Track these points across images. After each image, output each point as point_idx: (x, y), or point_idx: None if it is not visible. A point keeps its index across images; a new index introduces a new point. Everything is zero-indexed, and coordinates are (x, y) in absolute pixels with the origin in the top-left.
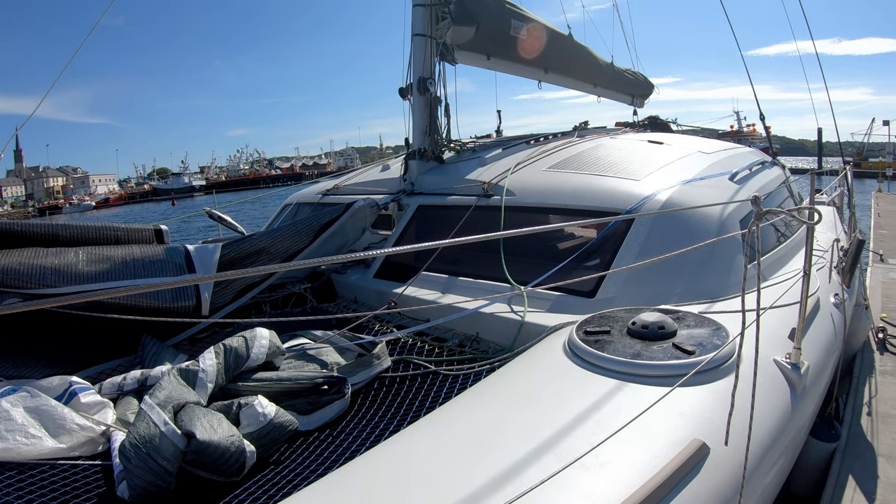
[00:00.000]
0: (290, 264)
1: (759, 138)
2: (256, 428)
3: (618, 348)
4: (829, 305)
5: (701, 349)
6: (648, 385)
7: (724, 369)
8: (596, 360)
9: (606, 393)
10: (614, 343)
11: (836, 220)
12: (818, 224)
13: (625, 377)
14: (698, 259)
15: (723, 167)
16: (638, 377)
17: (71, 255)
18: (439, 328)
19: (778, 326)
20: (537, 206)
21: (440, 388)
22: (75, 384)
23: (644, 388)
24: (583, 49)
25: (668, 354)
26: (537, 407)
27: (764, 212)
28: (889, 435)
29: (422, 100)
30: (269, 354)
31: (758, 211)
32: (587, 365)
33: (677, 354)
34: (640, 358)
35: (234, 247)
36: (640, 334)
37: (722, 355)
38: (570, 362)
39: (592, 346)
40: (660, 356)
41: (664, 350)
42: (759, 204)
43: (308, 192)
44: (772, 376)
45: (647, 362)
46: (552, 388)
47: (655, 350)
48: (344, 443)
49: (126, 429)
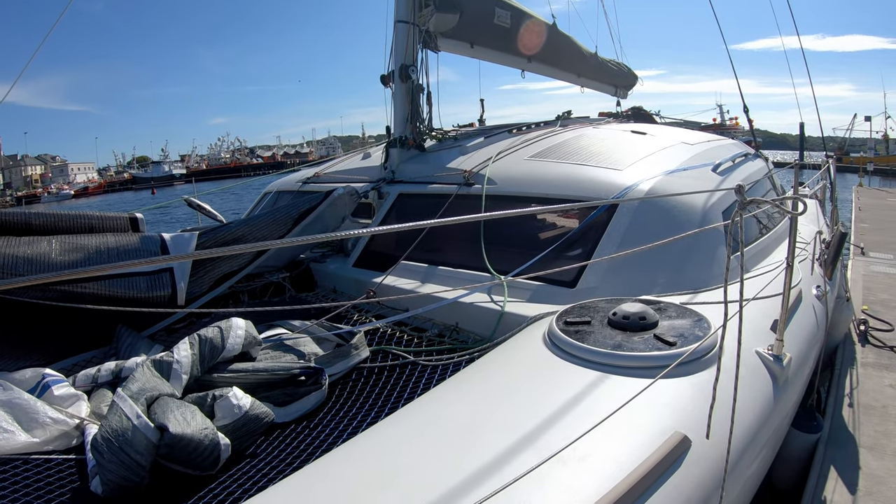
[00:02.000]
0: (266, 244)
1: (741, 132)
2: (231, 420)
3: (598, 339)
4: (811, 297)
5: (683, 340)
6: (629, 377)
7: (706, 361)
8: (576, 350)
9: (587, 385)
10: (595, 334)
11: (819, 212)
12: (801, 216)
13: (605, 368)
14: (681, 249)
15: (706, 158)
16: (619, 368)
17: (44, 244)
18: (419, 318)
19: (760, 318)
20: (519, 194)
21: (419, 378)
22: (48, 376)
23: (625, 379)
24: (567, 39)
25: (650, 346)
26: (516, 399)
27: (748, 201)
28: (871, 426)
29: (403, 87)
30: (245, 345)
31: (741, 200)
32: (567, 356)
33: (658, 346)
34: (620, 349)
35: (211, 235)
36: (621, 325)
37: (704, 347)
38: (549, 353)
39: (573, 336)
40: (641, 347)
41: (645, 341)
42: (743, 193)
43: (288, 181)
44: (754, 368)
45: (628, 353)
46: (531, 380)
47: (636, 341)
48: (321, 435)
49: (100, 422)
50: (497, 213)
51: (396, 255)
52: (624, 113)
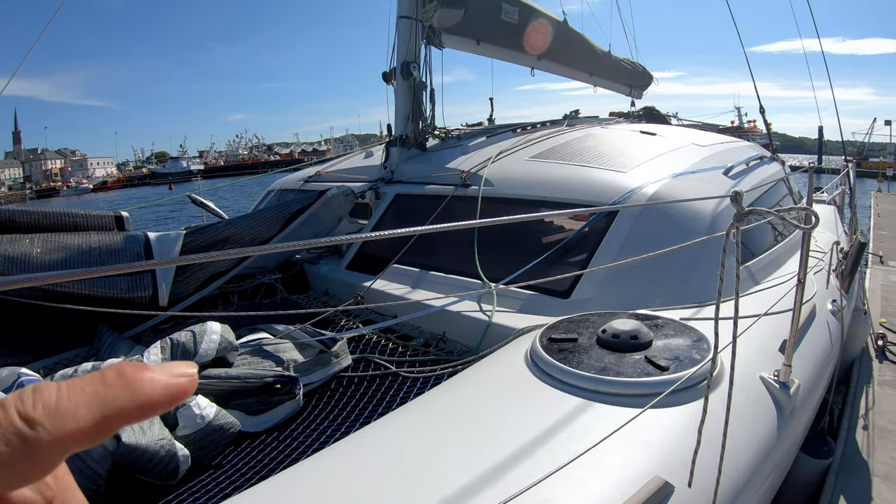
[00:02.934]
0: (248, 250)
1: (759, 135)
2: (193, 430)
3: (583, 360)
4: (825, 313)
5: (676, 364)
6: (613, 405)
7: (702, 389)
8: (557, 373)
9: (565, 414)
10: (580, 354)
11: (837, 219)
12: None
13: (588, 395)
14: (685, 259)
15: (718, 161)
16: (603, 396)
17: (26, 242)
18: (407, 325)
19: (768, 337)
20: (515, 197)
21: (398, 390)
22: (24, 376)
23: (608, 409)
24: (578, 36)
25: (639, 370)
26: (483, 427)
27: (746, 212)
28: (886, 452)
29: (405, 84)
30: (219, 350)
31: (739, 210)
32: (548, 379)
33: (649, 370)
34: (606, 373)
35: (197, 235)
36: (610, 344)
37: (699, 373)
38: (529, 374)
39: (555, 356)
40: (629, 372)
41: (635, 364)
42: (741, 201)
43: (291, 179)
44: (756, 396)
45: (614, 379)
46: (504, 406)
47: (625, 364)
48: (289, 447)
49: None
50: (487, 221)
51: (391, 257)
52: (635, 113)
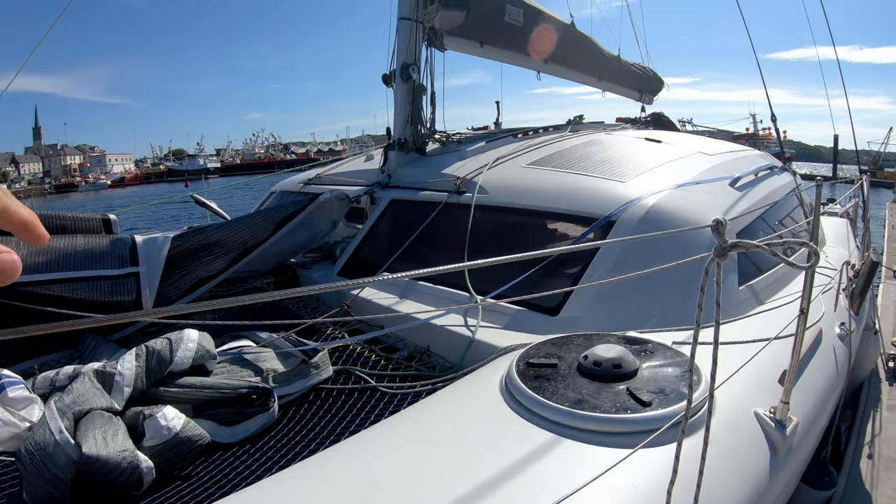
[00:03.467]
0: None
1: (774, 142)
2: (159, 442)
3: (559, 390)
4: (832, 338)
5: (661, 399)
6: (585, 443)
7: (688, 426)
8: (530, 403)
9: (533, 450)
10: (557, 382)
11: (849, 233)
12: (829, 230)
13: (562, 431)
14: (683, 277)
15: (724, 171)
16: (575, 432)
17: (11, 244)
18: (392, 336)
19: (768, 366)
20: (508, 206)
21: (375, 406)
22: (4, 378)
23: (582, 448)
24: (586, 39)
25: (619, 404)
26: (443, 459)
27: (728, 245)
28: (890, 484)
29: (404, 87)
30: (196, 358)
31: (720, 243)
32: (521, 409)
33: (629, 404)
34: (580, 406)
35: (185, 238)
36: (590, 372)
37: (682, 411)
38: (502, 403)
39: (530, 383)
40: (606, 406)
41: (615, 397)
42: (723, 233)
43: (292, 181)
44: (749, 435)
45: (588, 414)
46: (470, 436)
47: (604, 396)
48: (258, 461)
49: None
50: (472, 264)
51: (383, 263)
52: (643, 119)
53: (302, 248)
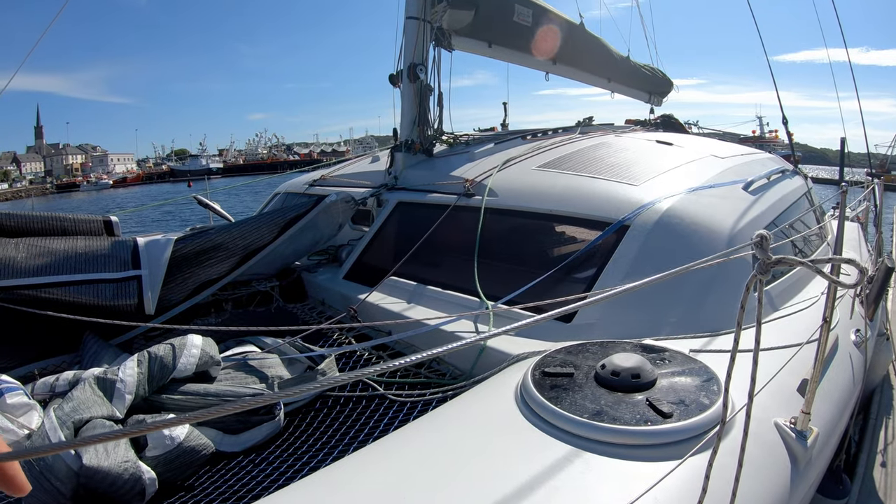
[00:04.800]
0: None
1: (780, 145)
2: (163, 452)
3: (577, 401)
4: (848, 345)
5: (681, 410)
6: (606, 456)
7: (709, 440)
8: (547, 414)
9: (552, 463)
10: (574, 392)
11: (860, 237)
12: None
13: (580, 443)
14: (699, 283)
15: (737, 174)
16: (596, 445)
17: (11, 246)
18: (400, 343)
19: (785, 374)
20: (519, 209)
21: (384, 415)
22: (3, 383)
23: (601, 461)
24: (595, 40)
25: (639, 415)
26: (456, 474)
27: (772, 262)
28: None
29: (412, 88)
30: (199, 365)
31: (764, 259)
32: (537, 420)
33: (649, 416)
34: (600, 418)
35: (188, 241)
36: (609, 382)
37: (705, 421)
38: (518, 413)
39: (547, 393)
40: (627, 417)
41: (634, 407)
42: (767, 248)
43: (296, 182)
44: (769, 446)
45: (609, 426)
46: (489, 447)
47: (624, 407)
48: (264, 472)
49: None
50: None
51: (390, 268)
52: (652, 121)
53: (307, 251)
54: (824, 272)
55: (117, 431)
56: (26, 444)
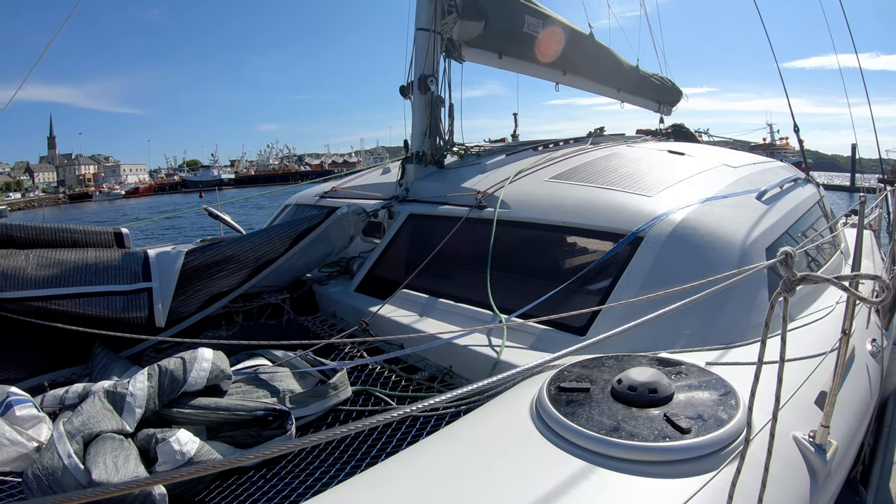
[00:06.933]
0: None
1: (791, 152)
2: (172, 467)
3: (593, 416)
4: (864, 356)
5: (700, 426)
6: (623, 473)
7: (727, 454)
8: (563, 430)
9: (568, 479)
10: (590, 407)
11: (873, 245)
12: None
13: (595, 459)
14: (714, 295)
15: (750, 183)
16: (612, 461)
17: (21, 258)
18: (413, 356)
19: (803, 387)
20: (532, 221)
21: (397, 429)
22: (12, 395)
23: (618, 478)
24: (605, 50)
25: (656, 431)
26: (479, 488)
27: (797, 278)
28: None
29: (423, 99)
30: (210, 378)
31: (789, 277)
32: (552, 436)
33: (667, 431)
34: (617, 434)
35: (199, 254)
36: (625, 397)
37: (725, 436)
38: (533, 429)
39: (562, 409)
40: (644, 433)
41: (652, 422)
42: (791, 265)
43: (307, 194)
44: (787, 461)
45: (626, 442)
46: (504, 464)
47: (641, 422)
48: (275, 487)
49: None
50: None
51: (401, 280)
52: (663, 130)
53: (318, 264)
54: (848, 287)
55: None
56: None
